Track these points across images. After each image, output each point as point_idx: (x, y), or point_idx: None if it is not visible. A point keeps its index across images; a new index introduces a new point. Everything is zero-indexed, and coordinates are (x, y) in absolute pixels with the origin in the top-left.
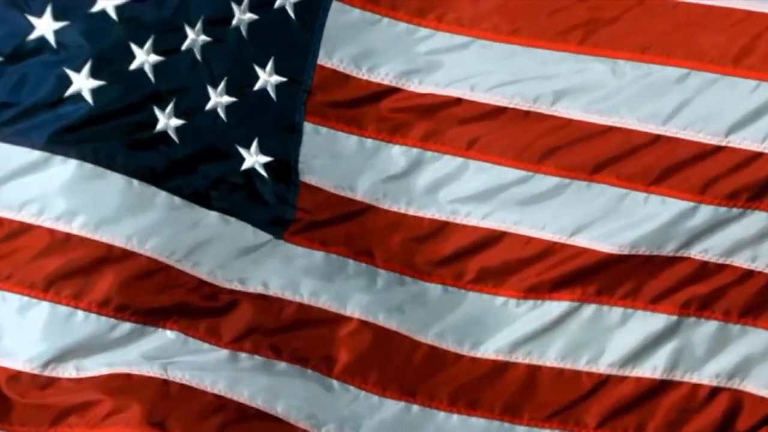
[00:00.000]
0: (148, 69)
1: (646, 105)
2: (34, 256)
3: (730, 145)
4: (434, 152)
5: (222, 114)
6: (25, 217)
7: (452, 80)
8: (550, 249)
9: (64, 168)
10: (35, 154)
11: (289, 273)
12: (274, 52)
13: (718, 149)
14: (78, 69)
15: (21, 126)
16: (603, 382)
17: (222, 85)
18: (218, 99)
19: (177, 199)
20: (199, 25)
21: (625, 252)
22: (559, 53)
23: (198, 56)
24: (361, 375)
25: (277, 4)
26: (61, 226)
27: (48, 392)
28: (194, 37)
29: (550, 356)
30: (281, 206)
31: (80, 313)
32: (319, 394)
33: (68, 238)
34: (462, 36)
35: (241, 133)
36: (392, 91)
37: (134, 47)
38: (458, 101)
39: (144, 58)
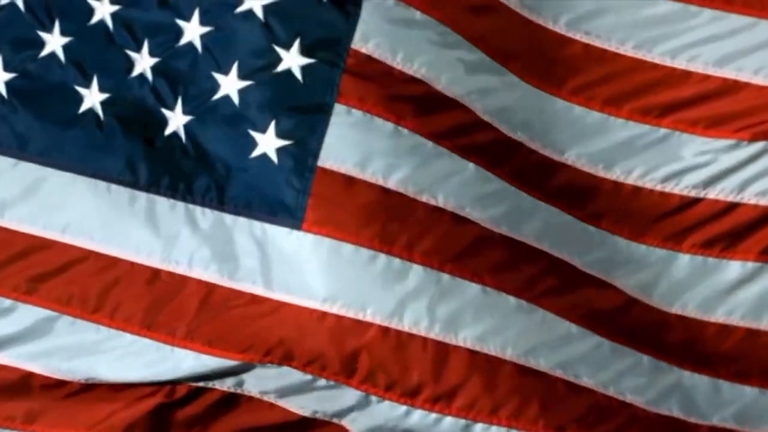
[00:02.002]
0: (148, 73)
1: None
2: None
3: (708, 197)
4: (460, 157)
5: (236, 99)
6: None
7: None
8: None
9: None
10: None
11: (304, 272)
12: (300, 32)
13: (696, 201)
14: (87, 85)
15: (43, 144)
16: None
17: (233, 69)
18: (230, 85)
19: (181, 205)
20: (195, 18)
21: None
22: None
23: (198, 48)
24: (386, 383)
25: None
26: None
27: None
28: (191, 31)
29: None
30: (293, 194)
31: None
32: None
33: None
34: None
35: (256, 118)
36: (422, 85)
37: (131, 54)
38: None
39: (143, 63)
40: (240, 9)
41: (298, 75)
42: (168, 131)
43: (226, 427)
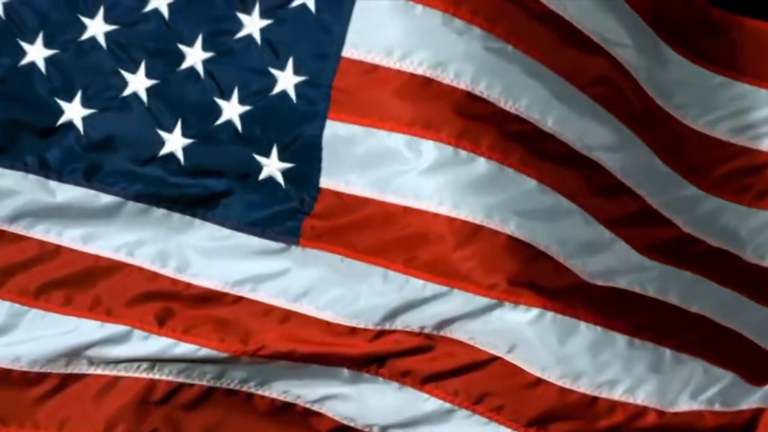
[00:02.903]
0: (141, 93)
1: None
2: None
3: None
4: (469, 152)
5: (238, 125)
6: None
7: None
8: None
9: (67, 193)
10: (30, 178)
11: (303, 281)
12: (293, 52)
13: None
14: (69, 98)
15: (16, 150)
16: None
17: (234, 95)
18: (232, 110)
19: (180, 216)
20: (198, 43)
21: None
22: None
23: (201, 72)
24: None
25: (295, 3)
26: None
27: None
28: (193, 56)
29: (582, 384)
30: (295, 214)
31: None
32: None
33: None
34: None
35: (259, 142)
36: (425, 82)
37: (125, 73)
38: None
39: (136, 83)
40: (240, 34)
41: (293, 95)
42: (164, 152)
43: (201, 422)
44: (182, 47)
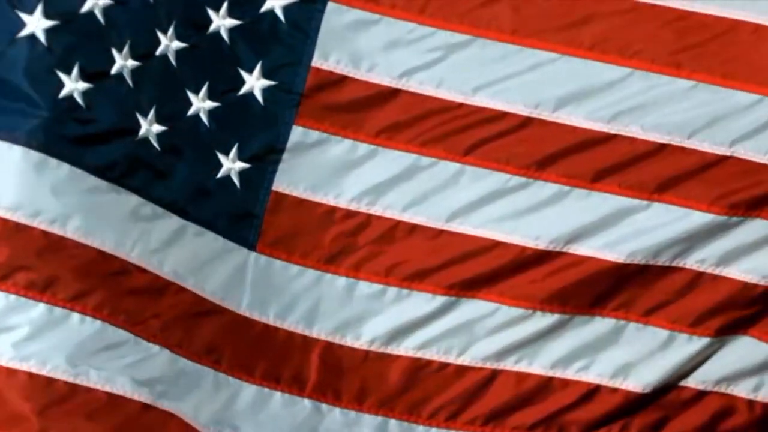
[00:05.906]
0: (126, 74)
1: (651, 115)
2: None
3: (735, 155)
4: (431, 158)
5: (205, 119)
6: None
7: (453, 82)
8: (544, 257)
9: (57, 171)
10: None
11: (261, 290)
12: (262, 56)
13: (723, 159)
14: (68, 72)
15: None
16: (593, 391)
17: (204, 89)
18: (201, 104)
19: (158, 209)
20: (171, 31)
21: (621, 260)
22: (564, 56)
23: (173, 62)
24: (334, 392)
25: (264, 8)
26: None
27: None
28: (167, 43)
29: (538, 364)
30: (248, 217)
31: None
32: (290, 415)
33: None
34: (462, 34)
35: (222, 139)
36: (392, 92)
37: (114, 52)
38: (459, 106)
39: (122, 63)
40: (210, 30)
41: (260, 98)
42: (140, 134)
43: None
44: (159, 33)
